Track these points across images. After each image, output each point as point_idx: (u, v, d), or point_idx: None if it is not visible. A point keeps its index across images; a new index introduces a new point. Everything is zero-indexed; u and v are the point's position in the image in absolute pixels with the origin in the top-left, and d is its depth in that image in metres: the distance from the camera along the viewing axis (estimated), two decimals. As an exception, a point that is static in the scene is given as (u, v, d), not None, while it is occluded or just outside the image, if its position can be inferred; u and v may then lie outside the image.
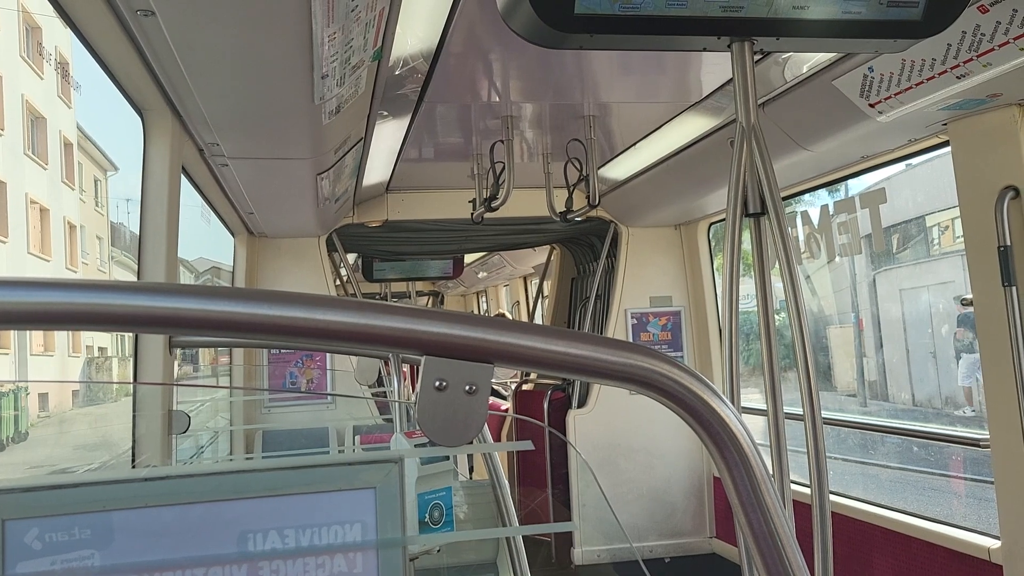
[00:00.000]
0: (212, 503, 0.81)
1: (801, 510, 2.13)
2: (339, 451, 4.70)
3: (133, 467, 2.64)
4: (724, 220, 3.07)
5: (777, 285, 2.55)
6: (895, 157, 3.88)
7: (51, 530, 0.77)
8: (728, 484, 0.82)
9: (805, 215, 4.50)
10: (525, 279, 10.45)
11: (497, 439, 6.45)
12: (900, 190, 10.53)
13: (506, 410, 7.47)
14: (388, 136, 4.37)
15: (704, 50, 2.08)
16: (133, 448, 2.72)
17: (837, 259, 4.53)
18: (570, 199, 4.69)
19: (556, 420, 6.09)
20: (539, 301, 8.60)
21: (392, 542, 0.83)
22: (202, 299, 0.73)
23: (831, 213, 4.32)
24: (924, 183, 10.48)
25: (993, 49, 2.48)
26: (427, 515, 1.78)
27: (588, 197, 4.44)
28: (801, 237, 4.50)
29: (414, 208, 5.92)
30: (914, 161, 4.50)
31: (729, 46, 2.09)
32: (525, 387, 7.17)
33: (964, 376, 11.22)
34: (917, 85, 2.85)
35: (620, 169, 5.25)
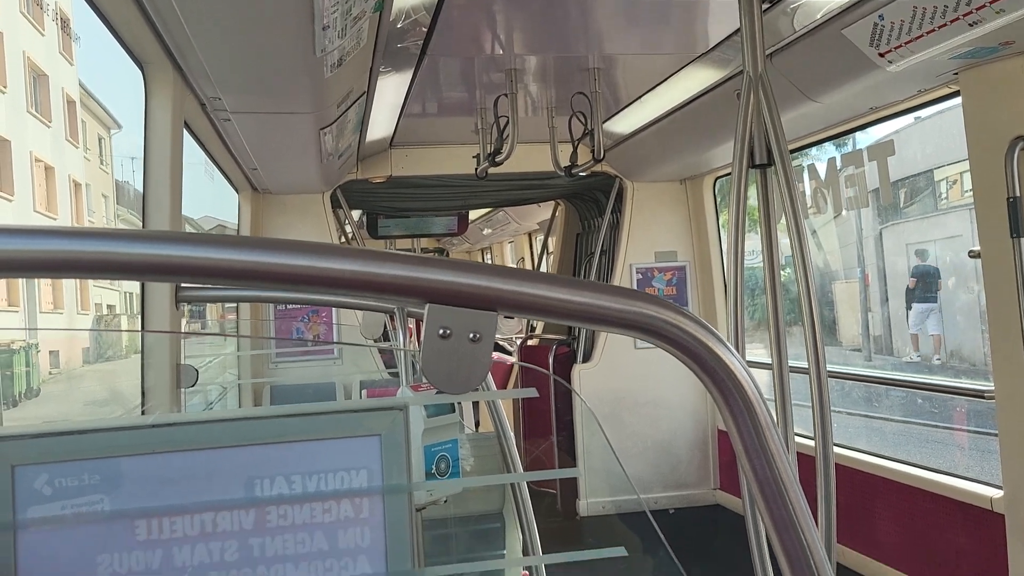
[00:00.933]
0: (219, 449, 0.81)
1: (805, 462, 2.14)
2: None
3: (142, 421, 2.66)
4: (730, 174, 3.05)
5: (783, 240, 2.54)
6: (904, 108, 3.84)
7: (60, 476, 0.78)
8: (732, 431, 0.82)
9: (812, 168, 4.46)
10: (530, 235, 10.43)
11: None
12: (908, 143, 10.43)
13: (512, 363, 7.50)
14: (391, 90, 4.33)
15: (711, -3, 2.05)
16: (143, 402, 2.74)
17: (844, 213, 4.50)
18: (575, 154, 4.66)
19: (561, 374, 6.13)
20: (544, 257, 8.59)
21: (397, 488, 0.84)
22: (208, 247, 0.72)
23: (838, 167, 4.28)
24: (933, 136, 10.37)
25: (1006, -5, 2.44)
26: (434, 467, 1.80)
27: (593, 151, 4.41)
28: (808, 191, 4.47)
29: (418, 164, 5.89)
30: (923, 113, 4.45)
31: (737, -7, 2.06)
32: (530, 342, 7.20)
33: (914, 324, 11.93)
34: (928, 33, 2.80)
35: (625, 123, 5.21)
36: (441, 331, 0.76)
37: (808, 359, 2.23)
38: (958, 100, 3.31)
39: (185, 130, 3.27)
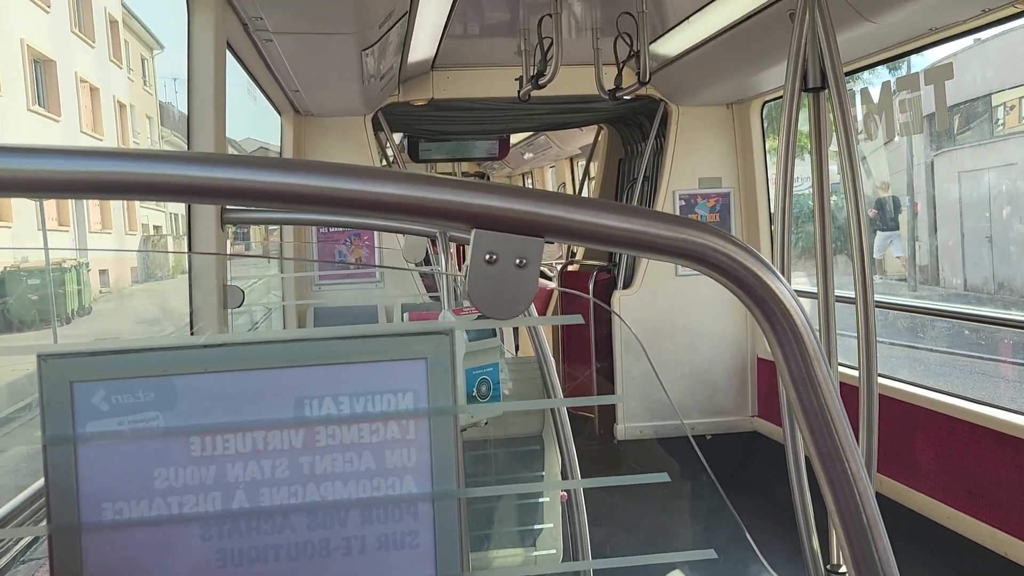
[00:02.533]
0: (269, 370, 0.83)
1: (847, 392, 2.13)
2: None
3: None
4: (780, 98, 2.96)
5: (832, 166, 2.48)
6: (966, 29, 3.68)
7: (117, 392, 0.80)
8: (779, 360, 0.81)
9: (864, 93, 4.32)
10: (571, 160, 10.31)
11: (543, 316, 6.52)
12: (967, 66, 10.04)
13: (552, 289, 7.52)
14: (433, 11, 4.25)
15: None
16: (191, 321, 2.80)
17: (896, 139, 4.38)
18: (619, 76, 4.56)
19: (601, 301, 6.13)
20: (586, 182, 8.51)
21: (443, 410, 0.85)
22: (255, 170, 0.72)
23: (893, 90, 4.14)
24: (994, 58, 9.96)
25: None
26: (475, 389, 1.83)
27: (638, 74, 4.31)
28: (859, 116, 4.34)
29: (460, 86, 5.82)
30: (984, 35, 4.27)
31: (794, -93, 1.97)
32: (570, 268, 7.19)
33: (877, 250, 12.72)
34: (995, -51, 2.67)
35: (672, 45, 5.07)
36: (487, 256, 0.75)
37: (856, 289, 2.20)
38: (1022, 21, 3.16)
39: (228, 52, 3.25)
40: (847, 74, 4.59)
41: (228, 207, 2.35)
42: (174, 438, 0.81)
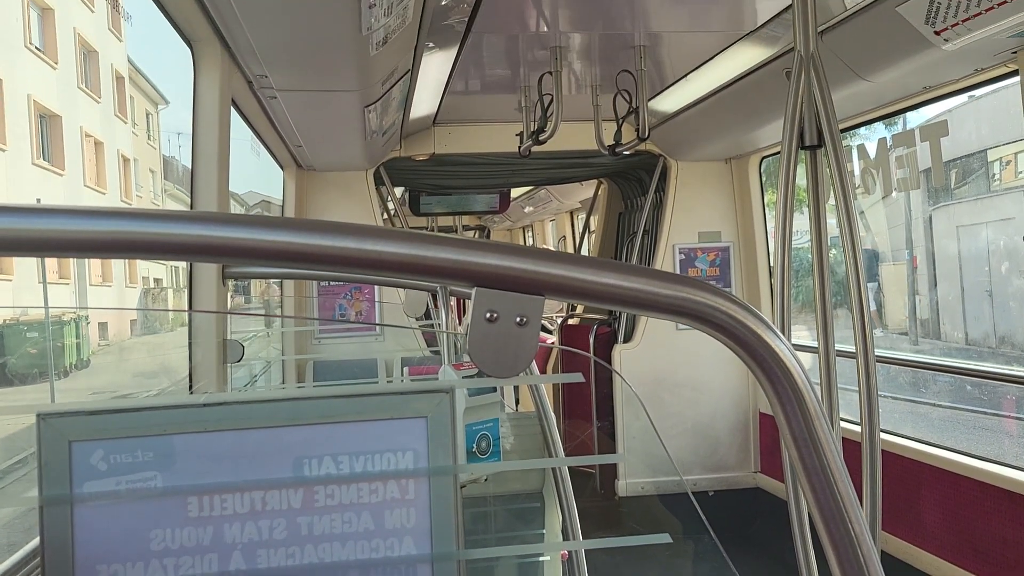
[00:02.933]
0: (269, 429, 0.82)
1: (850, 447, 2.11)
2: (387, 382, 4.78)
3: (191, 394, 2.72)
4: (777, 154, 2.99)
5: (830, 221, 2.49)
6: (959, 88, 3.74)
7: (115, 452, 0.79)
8: (780, 418, 0.81)
9: (861, 148, 4.37)
10: (572, 214, 10.38)
11: (543, 372, 6.49)
12: (962, 123, 10.16)
13: (552, 344, 7.50)
14: (435, 68, 4.32)
15: (762, -25, 2.01)
16: (190, 376, 2.80)
17: (893, 194, 4.41)
18: (619, 132, 4.62)
19: (602, 355, 6.11)
20: (586, 236, 8.55)
21: (444, 469, 0.84)
22: (256, 229, 0.73)
23: (889, 146, 4.19)
24: (988, 115, 10.09)
25: (1071, -29, 2.35)
26: (475, 445, 1.81)
27: (637, 130, 4.36)
28: (856, 171, 4.38)
29: (461, 141, 5.89)
30: (977, 92, 4.33)
31: (789, -30, 2.01)
32: (571, 322, 7.19)
33: None
34: (987, 11, 2.72)
35: (670, 101, 5.14)
36: (488, 315, 0.76)
37: (856, 344, 2.19)
38: (1016, 79, 3.21)
39: (232, 107, 3.30)
40: (844, 130, 4.65)
41: (230, 262, 2.36)
42: (172, 498, 0.80)
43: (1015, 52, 3.11)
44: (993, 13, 2.71)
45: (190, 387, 2.77)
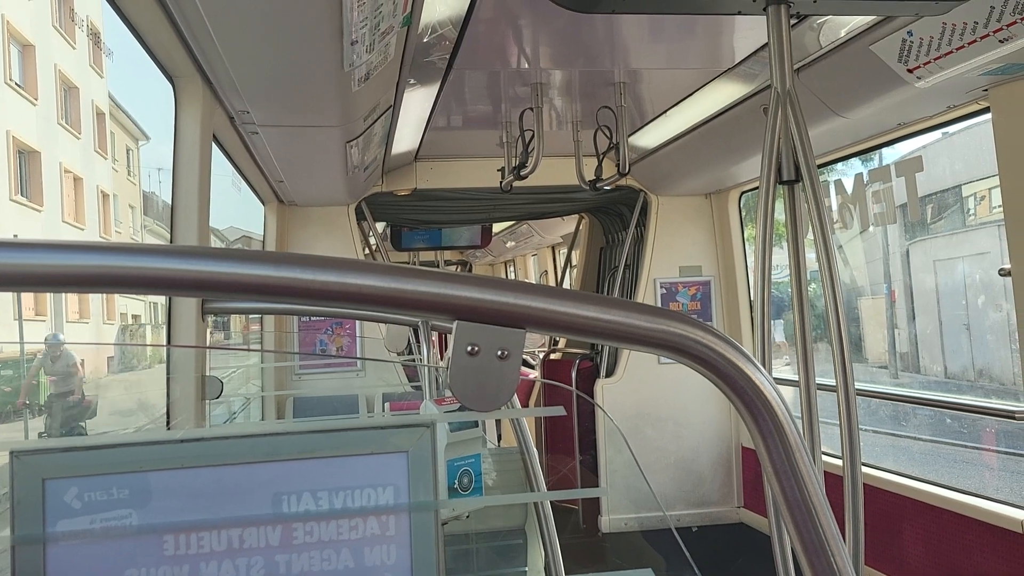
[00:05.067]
0: (246, 465, 0.81)
1: (832, 481, 2.11)
2: (368, 417, 4.74)
3: (168, 430, 2.68)
4: (756, 189, 3.02)
5: (809, 255, 2.52)
6: (932, 124, 3.80)
7: (90, 489, 0.78)
8: (762, 452, 0.81)
9: (838, 184, 4.42)
10: (553, 249, 10.42)
11: (525, 407, 6.47)
12: (936, 159, 10.33)
13: (534, 378, 7.49)
14: (417, 104, 4.35)
15: (739, 13, 2.04)
16: (168, 413, 2.76)
17: (870, 229, 4.46)
18: (599, 167, 4.66)
19: (584, 389, 6.10)
20: (567, 271, 8.58)
21: (425, 505, 0.84)
22: (235, 262, 0.73)
23: (865, 182, 4.24)
24: (961, 151, 10.26)
25: (1038, 11, 2.41)
26: (456, 481, 1.80)
27: (618, 165, 4.40)
28: (834, 206, 4.43)
29: (443, 177, 5.91)
30: (951, 129, 4.40)
31: (765, 9, 2.05)
32: (553, 356, 7.18)
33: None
34: (958, 49, 2.78)
35: (650, 137, 5.20)
36: (469, 348, 0.75)
37: (836, 378, 2.20)
38: (988, 116, 3.27)
39: (213, 142, 3.30)
40: (821, 166, 4.72)
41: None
42: (147, 537, 0.79)
43: (986, 89, 3.18)
44: (964, 51, 2.77)
45: (167, 423, 2.74)
